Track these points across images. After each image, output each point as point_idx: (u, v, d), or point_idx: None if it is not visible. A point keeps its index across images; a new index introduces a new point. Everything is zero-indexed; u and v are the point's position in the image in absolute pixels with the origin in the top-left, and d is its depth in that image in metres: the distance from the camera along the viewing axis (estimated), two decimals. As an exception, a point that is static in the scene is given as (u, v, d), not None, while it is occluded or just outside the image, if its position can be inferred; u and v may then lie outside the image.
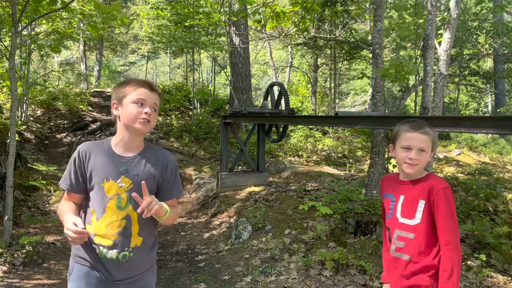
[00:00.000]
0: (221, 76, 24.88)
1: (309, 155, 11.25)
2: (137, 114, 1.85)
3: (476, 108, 19.50)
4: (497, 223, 6.37)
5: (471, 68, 14.45)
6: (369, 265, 4.84)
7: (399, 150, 1.98)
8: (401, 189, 2.03)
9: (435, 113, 5.47)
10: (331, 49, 13.83)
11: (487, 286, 4.87)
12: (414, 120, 2.02)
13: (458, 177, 8.20)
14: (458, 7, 5.32)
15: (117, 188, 1.86)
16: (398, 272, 2.03)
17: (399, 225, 2.01)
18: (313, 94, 15.29)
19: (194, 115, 12.64)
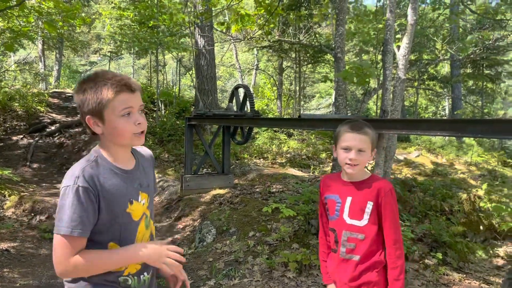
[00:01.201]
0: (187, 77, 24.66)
1: (274, 157, 11.31)
2: (130, 130, 1.51)
3: (435, 111, 20.29)
4: (452, 223, 6.64)
5: (429, 73, 15.03)
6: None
7: (339, 151, 1.99)
8: (347, 191, 2.03)
9: (394, 116, 5.63)
10: (296, 52, 14.00)
11: (444, 284, 5.04)
12: (354, 121, 2.04)
13: (416, 178, 8.48)
14: (416, 14, 5.51)
15: (141, 208, 1.60)
16: (348, 273, 2.02)
17: (347, 227, 2.00)
18: (278, 96, 15.42)
19: (159, 116, 12.45)
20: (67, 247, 1.39)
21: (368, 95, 7.03)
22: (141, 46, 12.31)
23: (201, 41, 11.64)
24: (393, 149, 5.77)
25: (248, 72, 24.40)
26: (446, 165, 10.42)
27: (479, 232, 6.76)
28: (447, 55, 11.56)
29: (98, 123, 1.49)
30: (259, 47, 14.29)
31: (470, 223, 6.77)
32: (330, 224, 2.07)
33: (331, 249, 2.09)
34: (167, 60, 27.03)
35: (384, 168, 5.60)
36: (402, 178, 8.43)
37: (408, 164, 10.05)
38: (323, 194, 2.11)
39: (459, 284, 5.05)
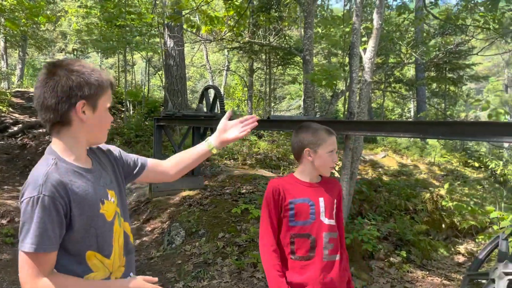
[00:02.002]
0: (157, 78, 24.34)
1: (245, 158, 11.32)
2: (107, 124, 1.48)
3: (401, 113, 20.88)
4: (416, 221, 6.86)
5: (395, 76, 15.44)
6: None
7: (324, 155, 2.00)
8: (316, 192, 2.02)
9: (360, 118, 5.76)
10: (266, 54, 14.08)
11: (407, 281, 5.20)
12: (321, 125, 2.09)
13: (382, 178, 8.71)
14: (381, 18, 5.66)
15: (113, 206, 1.50)
16: (336, 274, 1.97)
17: (327, 228, 1.97)
18: (249, 98, 15.46)
19: (127, 117, 12.23)
20: (33, 266, 1.26)
21: (336, 97, 7.17)
22: (108, 46, 12.06)
23: (170, 41, 11.53)
24: (360, 150, 5.90)
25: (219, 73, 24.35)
26: (410, 165, 10.74)
27: (441, 230, 7.02)
28: (411, 58, 11.93)
29: (86, 111, 1.37)
30: (230, 48, 14.30)
31: (433, 222, 7.01)
32: (302, 230, 1.96)
33: (303, 256, 1.95)
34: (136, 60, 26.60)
35: (351, 168, 5.71)
36: (369, 178, 8.63)
37: (375, 165, 10.29)
38: (285, 199, 1.97)
39: (422, 281, 5.22)
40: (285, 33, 12.74)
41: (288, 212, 1.97)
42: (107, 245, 1.45)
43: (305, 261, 1.94)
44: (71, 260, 1.36)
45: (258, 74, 18.39)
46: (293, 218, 1.96)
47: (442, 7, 12.74)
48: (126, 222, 1.61)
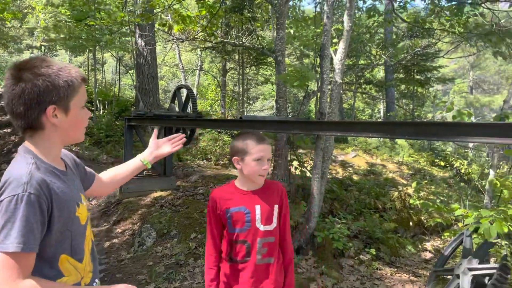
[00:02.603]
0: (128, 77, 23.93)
1: (218, 159, 11.29)
2: (85, 124, 1.45)
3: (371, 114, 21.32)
4: (385, 219, 7.01)
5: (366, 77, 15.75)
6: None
7: (251, 163, 2.04)
8: (253, 200, 2.08)
9: (331, 118, 5.84)
10: (239, 54, 14.09)
11: (377, 278, 5.32)
12: (254, 133, 2.13)
13: (352, 178, 8.86)
14: (351, 20, 5.76)
15: (86, 210, 1.48)
16: (269, 277, 2.09)
17: (262, 234, 2.07)
18: (222, 98, 15.42)
19: (96, 117, 11.97)
20: (15, 267, 1.19)
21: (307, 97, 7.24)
22: (77, 44, 11.77)
23: (141, 40, 11.37)
24: (331, 150, 5.98)
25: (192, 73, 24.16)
26: (380, 165, 10.98)
27: (409, 228, 7.21)
28: (381, 60, 12.20)
29: (58, 114, 1.34)
30: (203, 48, 14.22)
31: (401, 220, 7.20)
32: (239, 236, 2.07)
33: (239, 260, 2.08)
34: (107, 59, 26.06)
35: (322, 168, 5.79)
36: (340, 178, 8.77)
37: (346, 164, 10.46)
38: (221, 208, 2.08)
39: (390, 278, 5.35)
40: (258, 34, 12.78)
41: (226, 220, 2.08)
42: (80, 249, 1.42)
43: (240, 264, 2.07)
44: (43, 264, 1.31)
45: (231, 74, 18.37)
46: (231, 226, 2.07)
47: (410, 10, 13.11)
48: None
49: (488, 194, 5.66)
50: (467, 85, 28.40)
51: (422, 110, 17.62)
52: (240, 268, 2.07)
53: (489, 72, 28.03)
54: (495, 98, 22.92)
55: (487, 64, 26.43)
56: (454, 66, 27.72)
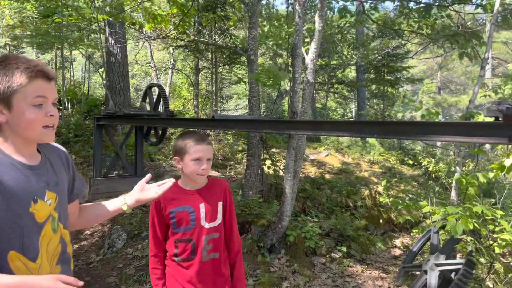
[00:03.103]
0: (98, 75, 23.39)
1: (191, 158, 11.19)
2: (40, 121, 1.38)
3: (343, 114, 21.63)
4: (356, 217, 7.12)
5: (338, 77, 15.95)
6: (244, 264, 4.99)
7: (190, 163, 2.08)
8: (197, 198, 2.14)
9: (303, 118, 5.87)
10: (212, 53, 13.99)
11: (348, 275, 5.39)
12: (195, 133, 2.18)
13: (325, 176, 8.95)
14: (322, 20, 5.80)
15: (47, 208, 1.42)
16: (214, 272, 2.16)
17: (207, 231, 2.13)
18: (195, 97, 15.28)
19: (65, 116, 11.64)
20: None
21: (280, 97, 7.26)
22: (43, 41, 11.40)
23: (111, 37, 11.12)
24: (303, 149, 6.02)
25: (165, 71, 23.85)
26: (352, 163, 11.14)
27: (379, 225, 7.34)
28: (352, 60, 12.38)
29: (3, 110, 1.33)
30: (175, 46, 14.05)
31: (372, 217, 7.32)
32: (184, 235, 2.12)
33: (185, 258, 2.13)
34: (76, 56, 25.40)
35: (295, 167, 5.82)
36: (312, 177, 8.84)
37: (318, 163, 10.56)
38: (165, 209, 2.12)
39: (361, 275, 5.43)
40: (231, 33, 12.73)
41: (170, 220, 2.13)
42: (33, 248, 1.36)
43: (186, 262, 2.13)
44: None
45: (204, 73, 18.23)
46: (175, 226, 2.13)
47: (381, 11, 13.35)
48: (67, 230, 1.56)
49: (455, 191, 5.82)
50: (435, 85, 29.22)
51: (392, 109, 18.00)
52: (186, 266, 2.12)
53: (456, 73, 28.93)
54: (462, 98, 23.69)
55: (454, 65, 27.28)
56: (423, 67, 28.47)
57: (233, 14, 10.89)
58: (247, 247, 5.37)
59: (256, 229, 5.67)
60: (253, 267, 5.04)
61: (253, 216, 5.81)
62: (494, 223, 4.78)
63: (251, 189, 6.61)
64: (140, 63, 24.54)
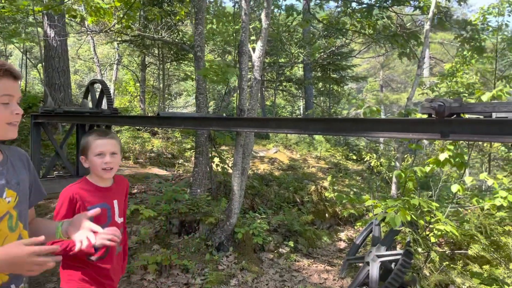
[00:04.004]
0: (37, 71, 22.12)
1: (137, 157, 10.88)
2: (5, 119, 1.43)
3: (291, 111, 21.99)
4: (303, 212, 7.27)
5: (286, 75, 16.18)
6: (191, 263, 4.93)
7: (93, 158, 2.10)
8: (111, 195, 2.17)
9: (250, 115, 5.89)
10: (159, 49, 13.69)
11: (295, 270, 5.48)
12: (98, 129, 2.22)
13: (273, 173, 9.06)
14: (268, 19, 5.85)
15: (5, 205, 1.43)
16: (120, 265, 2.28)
17: (120, 226, 2.19)
18: (141, 93, 14.87)
19: None
20: None
21: (228, 94, 7.24)
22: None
23: (51, 31, 10.54)
24: (251, 146, 6.04)
25: (109, 67, 23.03)
26: (300, 160, 11.36)
27: (325, 219, 7.55)
28: (300, 58, 12.60)
29: None
30: (119, 41, 13.59)
31: (318, 212, 7.51)
32: None
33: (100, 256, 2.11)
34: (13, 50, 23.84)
35: (243, 164, 5.83)
36: (261, 174, 8.92)
37: (267, 160, 10.67)
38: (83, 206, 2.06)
39: (308, 269, 5.55)
40: (178, 29, 12.51)
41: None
42: None
43: (102, 259, 2.14)
44: None
45: (151, 69, 17.81)
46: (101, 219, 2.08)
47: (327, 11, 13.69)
48: (26, 230, 1.55)
49: (395, 185, 6.10)
50: (378, 83, 30.50)
51: (338, 107, 18.54)
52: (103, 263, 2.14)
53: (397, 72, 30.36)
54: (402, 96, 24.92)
55: (395, 64, 28.59)
56: (367, 66, 29.59)
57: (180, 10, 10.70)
58: (194, 246, 5.31)
59: (204, 227, 5.63)
60: (200, 266, 5.00)
61: (201, 214, 5.76)
62: (430, 215, 5.06)
63: (199, 187, 6.55)
64: (83, 58, 23.51)
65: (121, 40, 12.96)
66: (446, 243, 6.23)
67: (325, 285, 5.01)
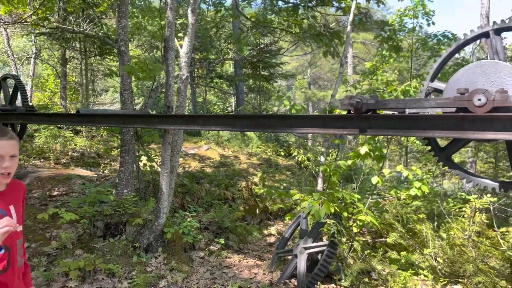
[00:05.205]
0: None
1: (58, 157, 10.23)
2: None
3: (223, 108, 21.94)
4: (234, 209, 7.29)
5: (217, 72, 16.11)
6: (117, 267, 4.75)
7: None
8: (6, 200, 1.95)
9: (179, 112, 5.78)
10: (81, 42, 12.94)
11: (226, 266, 5.49)
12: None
13: (204, 171, 8.99)
14: (195, 14, 5.76)
15: None
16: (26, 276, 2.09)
17: (19, 235, 1.99)
18: (62, 89, 13.98)
19: None
20: None
21: (155, 90, 7.04)
22: None
23: (-46, 19, 9.53)
24: (180, 143, 5.93)
25: (27, 61, 21.38)
26: (232, 156, 11.38)
27: (256, 215, 7.64)
28: (230, 55, 12.60)
29: None
30: (37, 34, 12.64)
31: (249, 208, 7.58)
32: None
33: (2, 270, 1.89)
34: None
35: (171, 163, 5.70)
36: (192, 171, 8.80)
37: (199, 157, 10.56)
38: None
39: (238, 265, 5.58)
40: (102, 22, 11.92)
41: None
42: None
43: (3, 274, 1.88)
44: None
45: (73, 63, 16.82)
46: None
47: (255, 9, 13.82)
48: None
49: (320, 179, 6.33)
50: (307, 81, 31.50)
51: (269, 104, 18.86)
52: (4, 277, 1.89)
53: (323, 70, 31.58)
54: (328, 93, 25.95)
55: (322, 62, 29.71)
56: (295, 64, 30.42)
57: (103, 1, 10.19)
58: (121, 249, 5.12)
59: (131, 229, 5.43)
60: (128, 269, 4.82)
61: (128, 215, 5.55)
62: (353, 206, 5.32)
63: (126, 188, 6.30)
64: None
65: (39, 33, 12.06)
66: (369, 233, 6.61)
67: (255, 280, 5.08)
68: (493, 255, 4.67)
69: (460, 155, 15.49)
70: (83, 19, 10.97)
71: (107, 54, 13.67)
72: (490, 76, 2.82)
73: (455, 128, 2.62)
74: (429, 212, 6.16)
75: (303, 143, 13.99)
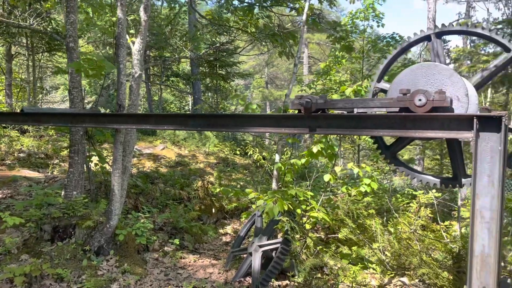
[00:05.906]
0: None
1: (3, 158, 9.69)
2: None
3: (180, 107, 21.62)
4: (190, 209, 7.23)
5: (173, 70, 15.87)
6: (66, 271, 4.58)
7: None
8: None
9: (132, 111, 5.64)
10: (27, 38, 12.33)
11: (180, 267, 5.43)
12: None
13: (159, 170, 8.83)
14: (148, 11, 5.64)
15: None
16: None
17: None
18: (7, 87, 13.24)
19: None
20: None
21: (107, 88, 6.83)
22: None
23: None
24: (132, 143, 5.79)
25: (-33, 56, 20.05)
26: (189, 156, 11.25)
27: (212, 214, 7.61)
28: (185, 53, 12.45)
29: None
30: (-23, 27, 11.89)
31: (205, 207, 7.54)
32: None
33: None
34: None
35: (124, 162, 5.56)
36: (146, 171, 8.62)
37: (154, 157, 10.36)
38: None
39: (193, 265, 5.54)
40: (51, 17, 11.41)
41: None
42: None
43: None
44: None
45: (19, 60, 15.99)
46: None
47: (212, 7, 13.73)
48: None
49: (275, 177, 6.40)
50: (264, 80, 31.71)
51: (226, 103, 18.79)
52: None
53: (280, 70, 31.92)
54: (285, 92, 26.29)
55: (278, 62, 30.00)
56: (253, 63, 30.54)
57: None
58: (70, 253, 4.94)
59: (81, 232, 5.25)
60: (77, 273, 4.66)
61: (78, 218, 5.37)
62: (306, 203, 5.43)
63: (75, 189, 6.07)
64: None
65: (-20, 26, 11.35)
66: (322, 229, 6.75)
67: (210, 279, 5.06)
68: (436, 247, 4.92)
69: (409, 152, 16.19)
70: (29, 13, 10.45)
71: (56, 50, 13.11)
72: (430, 77, 2.98)
73: (398, 127, 2.75)
74: (379, 207, 6.38)
75: (259, 142, 14.07)
